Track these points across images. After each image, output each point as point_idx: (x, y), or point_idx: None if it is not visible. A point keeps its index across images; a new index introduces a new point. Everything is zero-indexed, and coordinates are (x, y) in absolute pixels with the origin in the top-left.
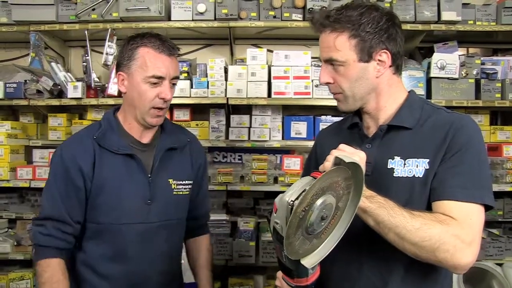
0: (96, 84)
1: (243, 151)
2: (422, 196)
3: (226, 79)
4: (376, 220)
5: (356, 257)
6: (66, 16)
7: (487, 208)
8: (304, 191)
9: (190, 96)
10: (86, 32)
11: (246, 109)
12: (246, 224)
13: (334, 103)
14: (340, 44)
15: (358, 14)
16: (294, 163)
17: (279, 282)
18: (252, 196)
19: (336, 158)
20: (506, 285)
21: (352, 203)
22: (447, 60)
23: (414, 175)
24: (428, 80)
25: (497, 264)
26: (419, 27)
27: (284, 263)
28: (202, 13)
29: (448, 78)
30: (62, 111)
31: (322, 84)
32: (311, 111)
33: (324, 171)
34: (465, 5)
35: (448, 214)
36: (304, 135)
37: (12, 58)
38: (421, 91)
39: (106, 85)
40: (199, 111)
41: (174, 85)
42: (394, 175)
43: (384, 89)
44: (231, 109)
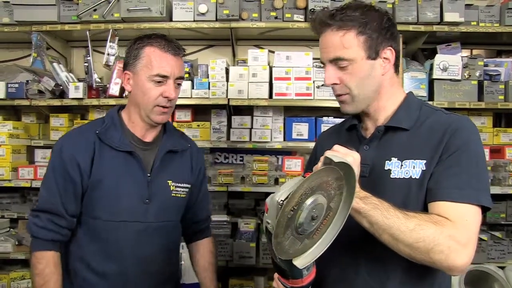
0: (98, 84)
1: (245, 152)
2: (419, 197)
3: (228, 80)
4: (370, 221)
5: (353, 259)
6: (68, 17)
7: (484, 209)
8: None
9: (191, 97)
10: (87, 32)
11: (247, 110)
12: (247, 225)
13: (335, 104)
14: (348, 42)
15: (362, 13)
16: (295, 164)
17: (275, 283)
18: (253, 197)
19: (326, 158)
20: None
21: (345, 204)
22: (449, 62)
23: (411, 176)
24: (431, 82)
25: (499, 267)
26: (422, 28)
27: (278, 263)
28: (203, 13)
29: (450, 80)
30: (64, 112)
31: (328, 85)
32: (312, 112)
33: None
34: (468, 6)
35: (443, 215)
36: (305, 137)
37: (15, 59)
38: (423, 93)
39: (107, 85)
40: (201, 112)
41: (179, 85)
42: (391, 176)
43: (386, 88)
44: (233, 110)
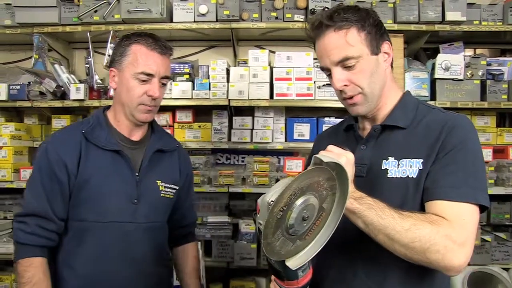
0: (99, 85)
1: (246, 152)
2: (416, 196)
3: (228, 81)
4: (365, 222)
5: (349, 260)
6: (69, 18)
7: (482, 208)
8: None
9: (192, 98)
10: (88, 34)
11: (248, 110)
12: (248, 226)
13: (336, 104)
14: (352, 39)
15: (354, 12)
16: (296, 165)
17: (272, 284)
18: (254, 198)
19: (316, 158)
20: None
21: (338, 204)
22: (451, 61)
23: (408, 175)
24: (433, 81)
25: (503, 268)
26: (423, 27)
27: (272, 264)
28: (203, 14)
29: (452, 79)
30: (66, 113)
31: (338, 89)
32: (314, 113)
33: None
34: (470, 5)
35: (440, 214)
36: (307, 137)
37: (16, 60)
38: (425, 93)
39: (108, 86)
40: (202, 112)
41: (164, 84)
42: (388, 176)
43: (388, 84)
44: (234, 110)
